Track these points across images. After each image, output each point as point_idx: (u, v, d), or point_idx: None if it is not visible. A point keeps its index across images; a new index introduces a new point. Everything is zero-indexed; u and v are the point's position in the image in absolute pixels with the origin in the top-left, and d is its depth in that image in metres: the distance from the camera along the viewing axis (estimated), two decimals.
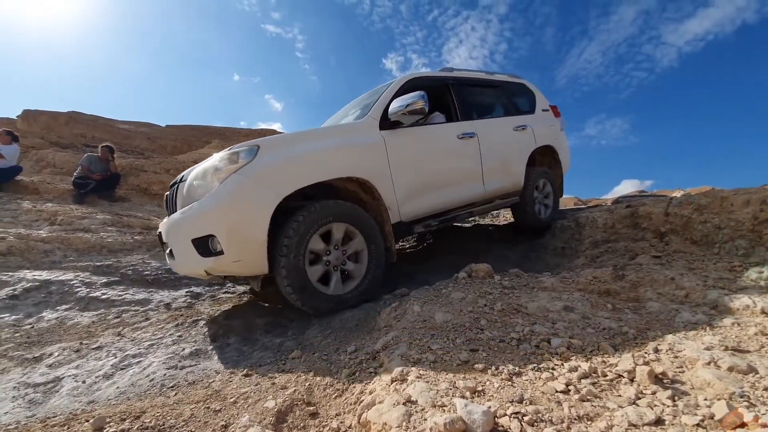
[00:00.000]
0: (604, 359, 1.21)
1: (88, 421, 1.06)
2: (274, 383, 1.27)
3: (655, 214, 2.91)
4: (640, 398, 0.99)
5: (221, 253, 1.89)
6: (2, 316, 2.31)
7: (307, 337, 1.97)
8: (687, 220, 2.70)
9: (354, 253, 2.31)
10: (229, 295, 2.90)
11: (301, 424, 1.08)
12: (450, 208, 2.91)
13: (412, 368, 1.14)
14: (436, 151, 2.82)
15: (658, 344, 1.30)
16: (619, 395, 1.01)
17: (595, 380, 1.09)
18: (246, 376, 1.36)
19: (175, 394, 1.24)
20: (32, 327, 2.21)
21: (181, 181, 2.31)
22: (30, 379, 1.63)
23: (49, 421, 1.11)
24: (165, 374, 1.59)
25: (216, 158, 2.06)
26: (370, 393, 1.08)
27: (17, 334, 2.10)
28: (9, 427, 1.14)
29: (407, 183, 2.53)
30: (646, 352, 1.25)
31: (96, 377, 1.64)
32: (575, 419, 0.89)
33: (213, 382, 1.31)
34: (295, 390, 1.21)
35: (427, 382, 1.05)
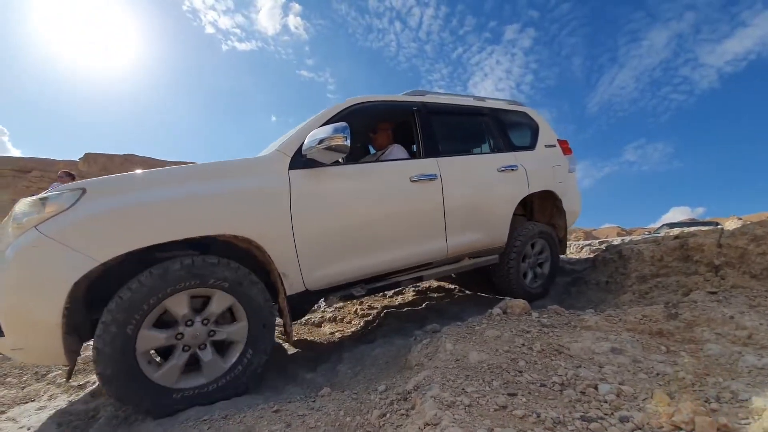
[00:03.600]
0: (659, 408, 1.10)
1: None
2: (304, 422, 1.25)
3: (707, 245, 2.69)
4: None
5: (2, 334, 1.42)
6: None
7: (337, 373, 1.94)
8: (743, 251, 2.47)
9: (226, 330, 1.68)
10: None
11: None
12: (390, 270, 2.27)
13: (447, 412, 1.09)
14: (373, 198, 2.19)
15: (720, 392, 1.17)
16: None
17: None
18: (275, 412, 1.35)
19: (208, 428, 1.25)
20: (78, 356, 2.33)
21: None
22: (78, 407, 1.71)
23: None
24: (198, 407, 1.61)
25: (22, 204, 1.52)
26: None
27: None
28: None
29: (321, 241, 1.95)
30: (706, 401, 1.12)
31: None
32: None
33: (245, 417, 1.31)
34: (325, 430, 1.19)
35: (463, 428, 0.99)
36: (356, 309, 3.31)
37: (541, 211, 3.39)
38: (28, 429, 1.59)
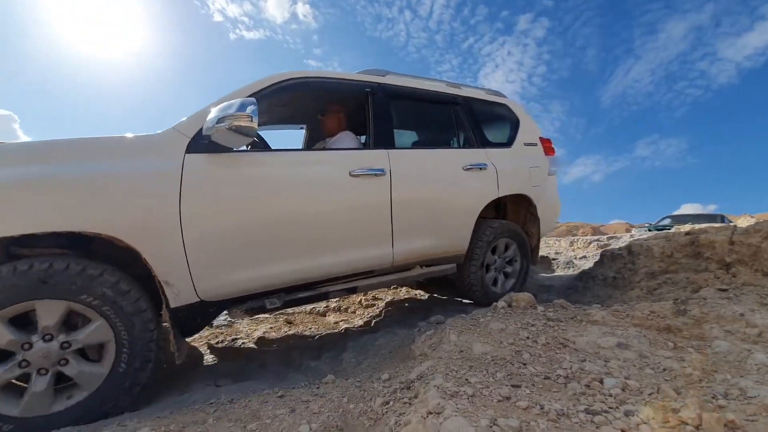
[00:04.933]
0: (665, 404, 1.08)
1: (139, 430, 1.11)
2: (308, 407, 1.26)
3: (718, 242, 2.64)
4: None
5: None
6: None
7: (341, 362, 1.95)
8: (756, 249, 2.43)
9: (93, 347, 1.39)
10: (265, 316, 2.97)
11: None
12: (318, 278, 1.93)
13: (450, 401, 1.09)
14: (297, 193, 1.84)
15: (728, 389, 1.16)
16: None
17: (655, 427, 0.98)
18: (280, 397, 1.37)
19: (215, 411, 1.27)
20: None
21: None
22: None
23: (100, 430, 1.18)
24: (205, 391, 1.64)
25: None
26: (405, 425, 1.04)
27: None
28: None
29: (221, 242, 1.61)
30: (714, 397, 1.11)
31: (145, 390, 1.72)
32: None
33: (250, 401, 1.32)
34: (328, 416, 1.20)
35: (466, 417, 0.99)
36: (360, 300, 3.33)
37: (514, 216, 3.06)
38: None
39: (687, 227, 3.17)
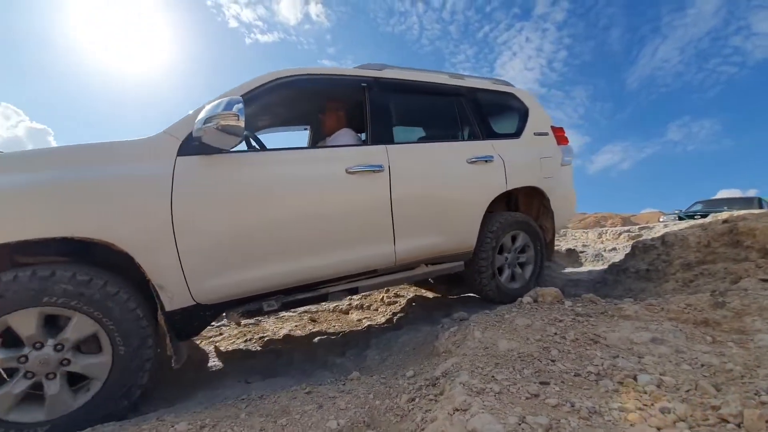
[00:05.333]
0: (704, 401, 1.04)
1: (173, 426, 1.17)
2: (335, 403, 1.28)
3: (759, 230, 2.49)
4: None
5: None
6: None
7: (365, 358, 1.97)
8: None
9: (88, 342, 1.40)
10: (290, 314, 3.04)
11: None
12: (317, 279, 1.89)
13: (476, 398, 1.08)
14: (292, 192, 1.81)
15: None
16: None
17: (693, 425, 0.94)
18: (308, 393, 1.40)
19: (246, 407, 1.31)
20: None
21: None
22: None
23: (140, 424, 1.25)
24: (236, 387, 1.70)
25: None
26: (432, 421, 1.04)
27: None
28: None
29: (216, 244, 1.60)
30: (756, 393, 1.05)
31: (181, 386, 1.80)
32: None
33: (279, 397, 1.36)
34: (355, 412, 1.22)
35: (493, 414, 0.98)
36: (383, 297, 3.35)
37: (526, 210, 2.92)
38: None
39: (725, 215, 2.99)
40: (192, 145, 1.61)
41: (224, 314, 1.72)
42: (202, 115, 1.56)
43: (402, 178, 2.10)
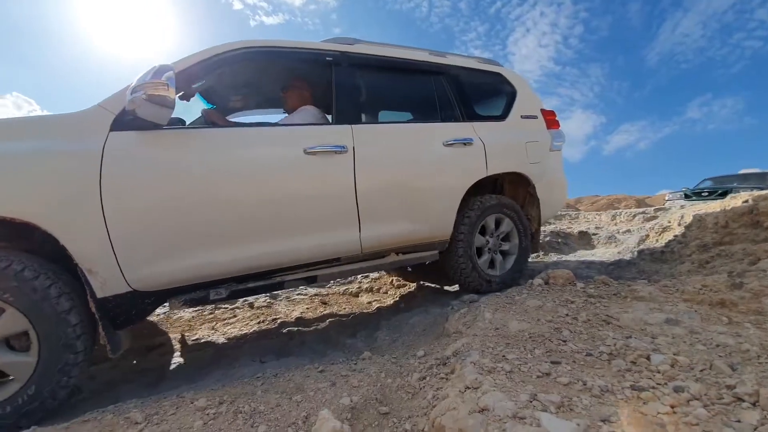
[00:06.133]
0: (719, 380, 1.03)
1: (192, 402, 1.21)
2: (347, 381, 1.31)
3: None
4: (764, 425, 0.82)
5: None
6: None
7: (376, 339, 2.01)
8: None
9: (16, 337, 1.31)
10: (302, 297, 3.09)
11: (375, 423, 1.10)
12: (273, 266, 1.78)
13: (487, 377, 1.09)
14: (241, 172, 1.68)
15: None
16: (738, 421, 0.85)
17: (707, 403, 0.93)
18: (321, 372, 1.43)
19: (262, 384, 1.35)
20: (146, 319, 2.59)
21: None
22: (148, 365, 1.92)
23: (161, 401, 1.29)
24: (252, 366, 1.75)
25: None
26: (443, 399, 1.05)
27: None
28: None
29: (155, 227, 1.49)
30: None
31: (198, 365, 1.87)
32: None
33: (293, 375, 1.40)
34: (368, 389, 1.24)
35: (504, 392, 0.99)
36: (392, 280, 3.37)
37: (512, 197, 2.71)
38: None
39: (745, 195, 2.89)
40: (126, 120, 1.48)
41: (172, 299, 1.60)
42: (131, 84, 1.44)
43: (368, 161, 1.97)
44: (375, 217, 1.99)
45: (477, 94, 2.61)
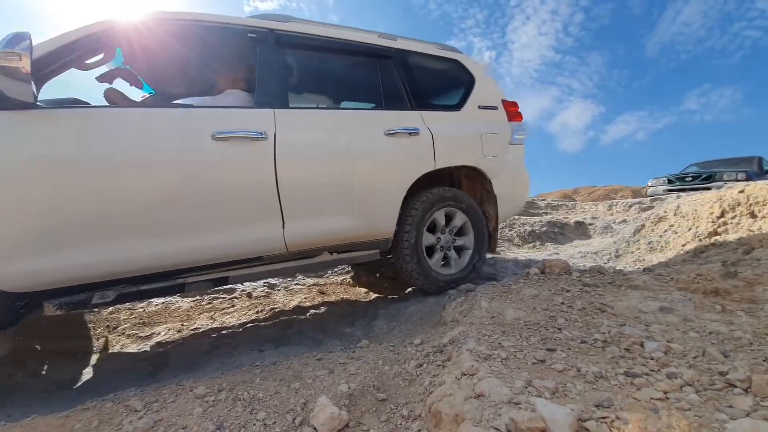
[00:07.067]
0: (711, 366, 1.05)
1: (192, 390, 1.22)
2: (345, 369, 1.33)
3: None
4: (756, 410, 0.84)
5: None
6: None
7: (373, 328, 2.02)
8: None
9: None
10: (299, 287, 3.10)
11: (373, 409, 1.11)
12: (171, 267, 1.60)
13: (483, 364, 1.10)
14: (134, 159, 1.50)
15: None
16: (730, 406, 0.87)
17: (700, 389, 0.95)
18: (319, 360, 1.44)
19: (261, 372, 1.36)
20: (143, 310, 2.60)
21: None
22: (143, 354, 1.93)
23: (160, 389, 1.31)
24: (250, 355, 1.76)
25: None
26: (440, 385, 1.07)
27: (132, 316, 2.50)
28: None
29: (19, 222, 1.34)
30: (765, 360, 1.06)
31: (198, 354, 1.88)
32: (675, 430, 0.79)
33: (292, 363, 1.41)
34: (365, 377, 1.26)
35: (500, 378, 1.00)
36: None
37: (470, 194, 2.51)
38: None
39: (741, 185, 2.91)
40: None
41: (46, 301, 1.42)
42: None
43: (292, 149, 1.79)
44: (301, 212, 1.83)
45: (429, 82, 2.43)
